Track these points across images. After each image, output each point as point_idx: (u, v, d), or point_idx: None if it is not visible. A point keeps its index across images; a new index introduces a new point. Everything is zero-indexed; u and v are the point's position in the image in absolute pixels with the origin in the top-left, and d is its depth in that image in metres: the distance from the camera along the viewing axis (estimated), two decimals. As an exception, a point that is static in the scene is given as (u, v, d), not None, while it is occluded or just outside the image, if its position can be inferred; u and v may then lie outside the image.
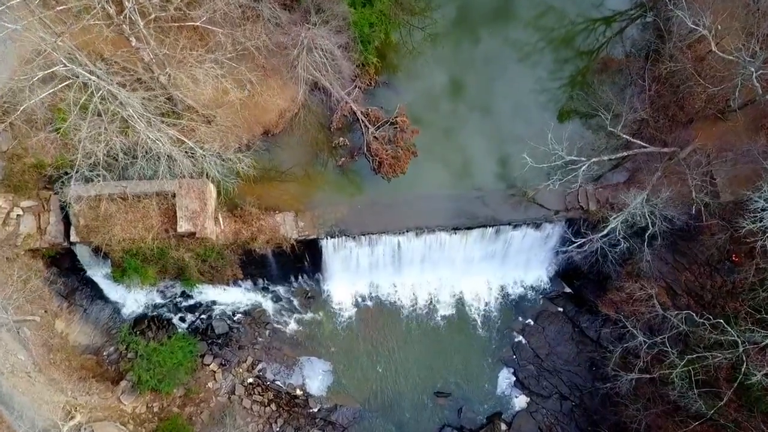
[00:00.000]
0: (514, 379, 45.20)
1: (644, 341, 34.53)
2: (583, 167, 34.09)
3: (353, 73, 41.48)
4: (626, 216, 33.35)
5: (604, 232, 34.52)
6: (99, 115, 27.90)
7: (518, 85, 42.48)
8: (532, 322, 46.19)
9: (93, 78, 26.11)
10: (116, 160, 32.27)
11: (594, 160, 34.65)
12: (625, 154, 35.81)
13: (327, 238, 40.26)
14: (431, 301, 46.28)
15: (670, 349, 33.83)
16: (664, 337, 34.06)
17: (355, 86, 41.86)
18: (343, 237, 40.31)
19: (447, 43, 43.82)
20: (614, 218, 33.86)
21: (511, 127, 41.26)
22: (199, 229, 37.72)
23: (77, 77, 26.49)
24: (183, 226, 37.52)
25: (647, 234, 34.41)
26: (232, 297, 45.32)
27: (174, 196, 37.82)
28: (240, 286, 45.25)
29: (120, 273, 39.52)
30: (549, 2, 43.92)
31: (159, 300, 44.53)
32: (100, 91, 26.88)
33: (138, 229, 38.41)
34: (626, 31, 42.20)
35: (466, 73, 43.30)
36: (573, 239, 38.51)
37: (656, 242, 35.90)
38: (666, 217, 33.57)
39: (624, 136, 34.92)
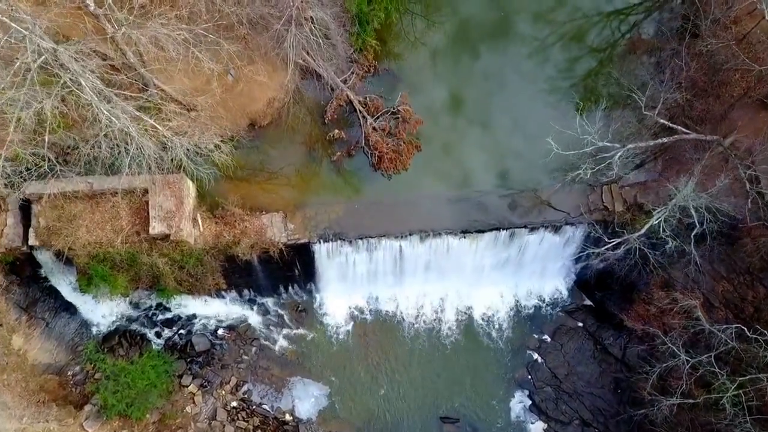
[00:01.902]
0: (530, 402, 40.68)
1: (687, 360, 29.82)
2: (618, 154, 29.66)
3: (350, 57, 37.47)
4: (670, 210, 28.77)
5: (642, 230, 29.99)
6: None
7: (539, 66, 38.30)
8: (548, 339, 41.70)
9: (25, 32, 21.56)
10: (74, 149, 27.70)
11: (630, 146, 30.26)
12: (665, 140, 31.42)
13: (320, 243, 35.86)
14: (437, 315, 41.92)
15: (718, 370, 29.11)
16: (711, 356, 29.37)
17: (352, 73, 37.85)
18: (339, 241, 35.94)
19: (458, 20, 39.63)
20: (657, 212, 29.28)
21: (531, 113, 36.88)
22: (175, 231, 33.37)
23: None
24: (156, 228, 33.20)
25: (694, 233, 29.76)
26: (214, 310, 40.94)
27: (146, 192, 33.65)
28: (223, 298, 40.89)
29: (86, 281, 35.15)
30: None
31: (132, 313, 40.09)
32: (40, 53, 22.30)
33: (106, 232, 34.09)
34: (660, 6, 38.01)
35: (477, 54, 39.13)
36: (595, 245, 34.15)
37: (704, 244, 31.25)
38: (719, 211, 28.95)
39: (662, 120, 30.58)
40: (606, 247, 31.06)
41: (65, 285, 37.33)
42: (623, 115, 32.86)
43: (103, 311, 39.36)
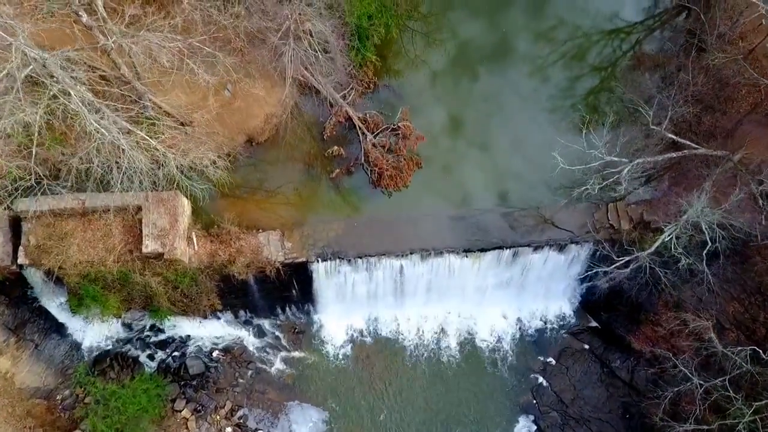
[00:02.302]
0: (535, 428, 39.31)
1: (700, 384, 28.58)
2: (626, 169, 28.76)
3: (349, 73, 36.81)
4: (682, 227, 27.75)
5: (653, 247, 28.96)
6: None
7: (542, 84, 37.61)
8: (554, 361, 40.42)
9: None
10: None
11: (638, 161, 29.36)
12: (673, 155, 30.53)
13: (318, 262, 34.83)
14: (438, 337, 40.69)
15: (733, 395, 27.86)
16: (725, 379, 28.15)
17: (352, 89, 37.10)
18: (337, 260, 34.92)
19: (459, 37, 39.06)
20: (669, 228, 28.25)
21: (534, 130, 36.08)
22: (168, 250, 32.39)
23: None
24: (149, 246, 32.23)
25: (706, 251, 28.71)
26: (209, 331, 39.71)
27: (140, 210, 32.75)
28: (218, 319, 39.77)
29: (76, 302, 34.17)
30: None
31: (124, 334, 38.87)
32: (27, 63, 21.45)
33: (98, 250, 33.15)
34: (662, 23, 37.46)
35: (479, 72, 38.49)
36: (602, 264, 33.12)
37: (717, 262, 30.19)
38: (734, 227, 27.93)
39: (669, 135, 29.76)
40: (615, 265, 29.99)
41: (55, 305, 36.39)
42: (629, 130, 32.04)
43: (94, 333, 38.20)
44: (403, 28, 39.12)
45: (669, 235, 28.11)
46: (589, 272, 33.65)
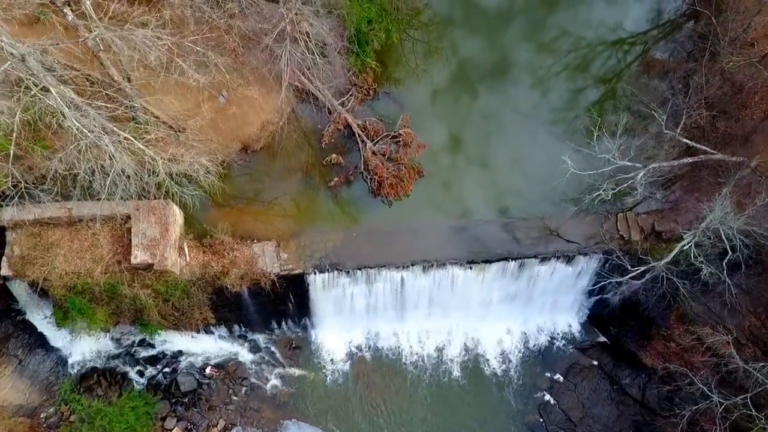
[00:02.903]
0: (542, 448, 37.56)
1: (719, 402, 26.98)
2: (641, 174, 27.40)
3: (349, 79, 35.67)
4: (701, 234, 26.30)
5: (670, 256, 27.51)
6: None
7: (551, 91, 36.33)
8: (561, 378, 38.80)
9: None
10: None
11: (653, 165, 28.01)
12: (689, 160, 29.19)
13: (315, 273, 33.36)
14: (441, 353, 39.13)
15: (755, 413, 26.26)
16: (746, 397, 26.57)
17: (351, 95, 35.92)
18: (335, 272, 33.46)
19: (463, 39, 37.93)
20: (688, 235, 26.80)
21: (542, 136, 34.76)
22: (158, 261, 31.02)
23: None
24: (138, 257, 30.89)
25: (726, 260, 27.23)
26: (201, 346, 38.20)
27: (129, 219, 31.43)
28: (212, 334, 38.22)
29: (62, 315, 32.60)
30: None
31: (113, 349, 37.30)
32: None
33: (85, 261, 31.84)
34: (672, 28, 36.26)
35: (484, 79, 37.23)
36: (611, 276, 31.77)
37: (739, 271, 28.70)
38: (759, 235, 26.42)
39: (684, 140, 28.47)
40: (630, 275, 28.50)
41: (41, 319, 34.75)
42: (640, 136, 30.69)
43: (81, 348, 36.58)
44: (404, 35, 37.96)
45: (688, 243, 26.63)
46: (599, 284, 32.07)
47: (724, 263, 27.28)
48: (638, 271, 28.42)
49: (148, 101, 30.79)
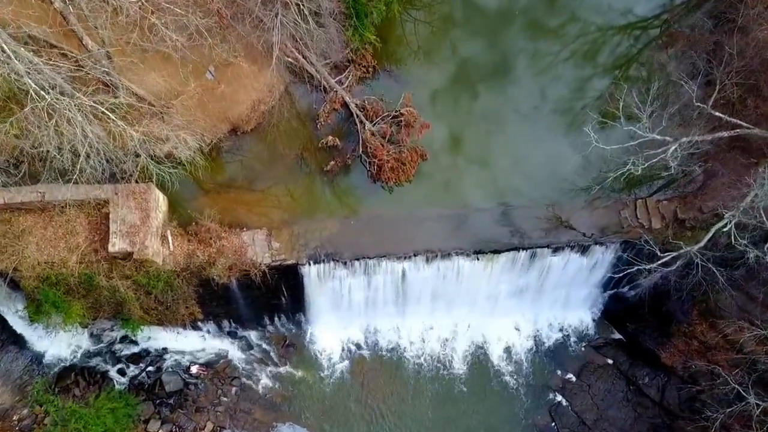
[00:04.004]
0: (554, 453, 35.31)
1: (756, 404, 24.44)
2: (672, 148, 24.86)
3: (346, 56, 33.20)
4: (743, 213, 23.69)
5: (704, 241, 24.95)
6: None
7: (572, 66, 33.74)
8: (573, 378, 36.52)
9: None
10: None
11: (684, 140, 25.46)
12: (726, 134, 26.60)
13: (310, 264, 30.90)
14: (445, 351, 36.92)
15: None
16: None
17: (349, 73, 33.43)
18: (332, 262, 31.03)
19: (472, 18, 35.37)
20: (728, 215, 24.20)
21: (560, 110, 32.21)
22: (138, 249, 28.59)
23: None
24: (116, 245, 28.49)
25: (768, 245, 24.65)
26: (188, 344, 36.00)
27: (107, 204, 28.98)
28: (199, 330, 36.09)
29: (34, 308, 30.14)
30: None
31: (92, 347, 35.02)
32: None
33: (59, 250, 29.50)
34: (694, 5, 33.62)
35: (492, 56, 34.67)
36: (636, 261, 29.24)
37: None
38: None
39: (717, 113, 25.95)
40: (661, 261, 25.88)
41: (12, 314, 32.21)
42: (670, 109, 27.96)
43: (57, 345, 34.29)
44: (407, 5, 35.40)
45: (727, 223, 23.97)
46: (622, 272, 29.53)
47: (765, 247, 24.68)
48: (669, 257, 25.77)
49: (126, 79, 28.44)
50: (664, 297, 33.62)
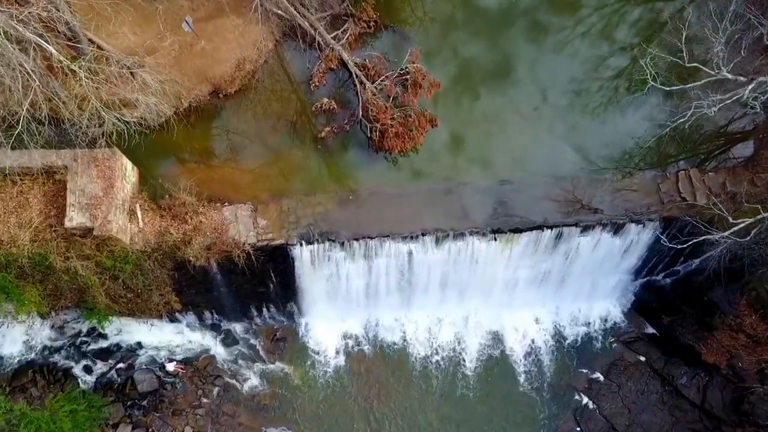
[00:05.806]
0: (579, 463, 31.90)
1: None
2: (749, 87, 20.86)
3: (344, 9, 29.45)
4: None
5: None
6: None
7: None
8: (601, 377, 33.16)
9: None
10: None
11: (762, 79, 21.40)
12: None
13: (301, 245, 27.05)
14: (455, 347, 33.65)
15: None
16: None
17: (347, 28, 29.59)
18: (327, 243, 27.22)
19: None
20: None
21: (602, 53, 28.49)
22: (100, 224, 24.72)
23: None
24: (74, 219, 24.77)
25: None
26: (165, 337, 32.65)
27: (66, 171, 25.14)
28: (178, 322, 32.72)
29: (-20, 296, 26.12)
30: None
31: (54, 340, 31.33)
32: None
33: (8, 226, 25.82)
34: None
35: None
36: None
37: None
38: None
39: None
40: (732, 230, 21.81)
41: (-41, 302, 28.30)
42: (735, 50, 23.98)
43: (12, 338, 30.59)
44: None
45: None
46: (674, 249, 25.77)
47: None
48: (743, 224, 21.64)
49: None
50: (705, 285, 29.97)
